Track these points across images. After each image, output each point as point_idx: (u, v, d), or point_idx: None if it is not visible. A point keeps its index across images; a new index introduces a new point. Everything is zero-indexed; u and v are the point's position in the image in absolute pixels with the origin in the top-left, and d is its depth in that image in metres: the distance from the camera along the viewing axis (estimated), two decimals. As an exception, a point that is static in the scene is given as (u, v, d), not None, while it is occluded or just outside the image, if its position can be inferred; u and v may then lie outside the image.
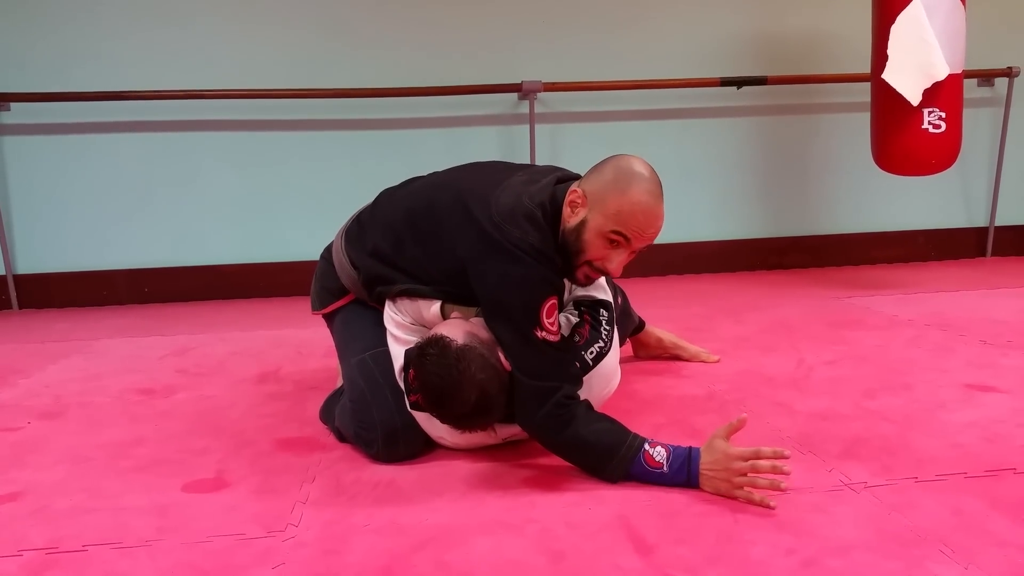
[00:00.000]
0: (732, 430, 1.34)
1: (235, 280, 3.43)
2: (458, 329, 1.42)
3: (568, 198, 1.45)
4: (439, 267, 1.53)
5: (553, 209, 1.47)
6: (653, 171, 1.44)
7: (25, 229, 3.33)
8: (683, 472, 1.34)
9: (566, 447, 1.41)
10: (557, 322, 1.44)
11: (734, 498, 1.30)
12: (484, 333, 1.43)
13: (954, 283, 3.21)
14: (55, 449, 1.65)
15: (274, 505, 1.34)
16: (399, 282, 1.58)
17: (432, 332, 1.42)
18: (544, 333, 1.40)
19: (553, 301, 1.42)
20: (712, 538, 1.17)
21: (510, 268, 1.40)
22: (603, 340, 1.56)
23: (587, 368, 1.52)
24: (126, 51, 3.25)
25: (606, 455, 1.38)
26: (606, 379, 1.58)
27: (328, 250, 1.77)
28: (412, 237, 1.57)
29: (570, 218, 1.45)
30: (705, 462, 1.34)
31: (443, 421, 1.42)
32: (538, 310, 1.39)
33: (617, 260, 1.44)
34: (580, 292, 1.65)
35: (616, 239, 1.42)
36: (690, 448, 1.36)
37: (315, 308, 1.80)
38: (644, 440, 1.38)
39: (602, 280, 1.67)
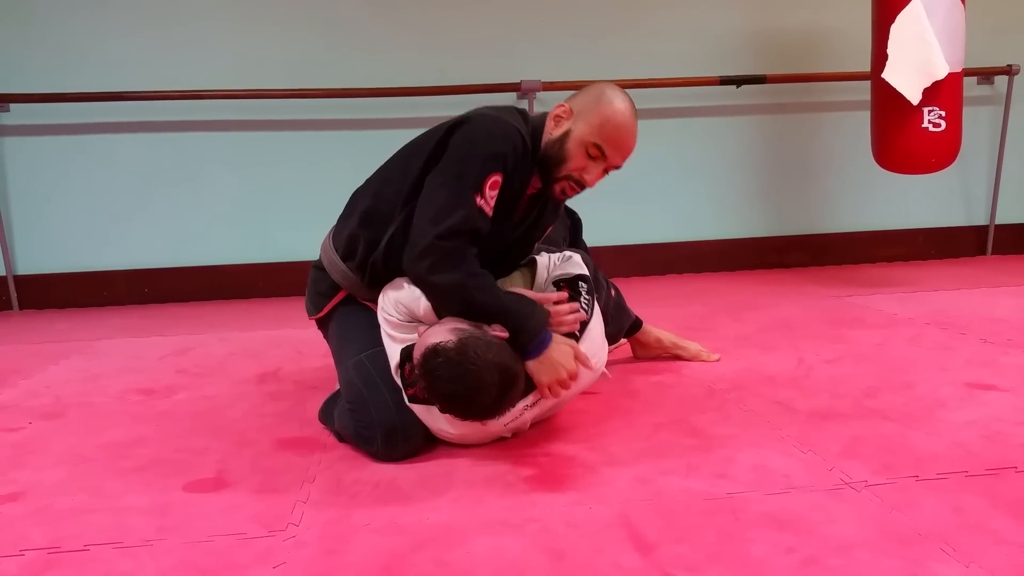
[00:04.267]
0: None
1: (235, 280, 3.43)
2: (442, 331, 1.42)
3: (554, 112, 1.61)
4: (417, 179, 1.56)
5: (531, 127, 1.58)
6: (630, 97, 1.60)
7: (25, 230, 3.33)
8: (539, 348, 1.47)
9: (482, 305, 1.47)
10: (494, 201, 1.52)
11: (538, 384, 1.47)
12: (464, 324, 1.45)
13: (954, 282, 3.21)
14: (56, 449, 1.65)
15: (275, 505, 1.34)
16: (382, 236, 1.60)
17: (420, 348, 1.42)
18: (483, 201, 1.48)
19: (498, 179, 1.50)
20: (712, 537, 1.17)
21: (474, 133, 1.51)
22: (584, 309, 1.59)
23: (575, 338, 1.55)
24: (125, 52, 3.25)
25: (521, 317, 1.47)
26: (594, 349, 1.60)
27: (317, 260, 1.81)
28: (391, 174, 1.64)
29: (554, 130, 1.57)
30: (555, 350, 1.47)
31: (476, 419, 1.44)
32: (485, 175, 1.48)
33: (594, 172, 1.57)
34: (557, 272, 1.68)
35: (595, 153, 1.54)
36: (549, 334, 1.49)
37: (310, 314, 1.83)
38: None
39: (577, 257, 1.72)
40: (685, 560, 1.11)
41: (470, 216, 1.47)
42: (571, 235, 2.13)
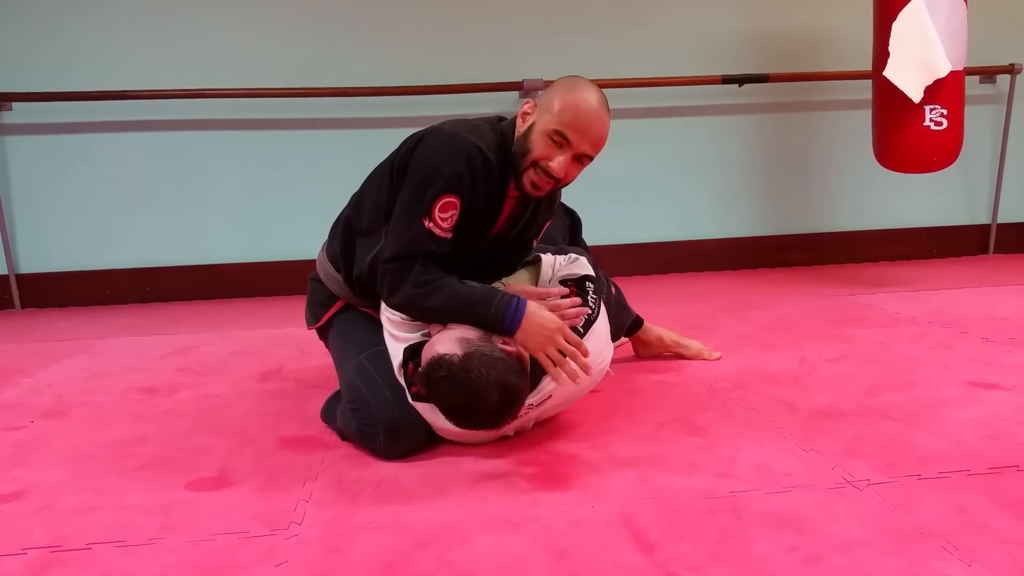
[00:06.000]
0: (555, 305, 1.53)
1: (237, 279, 3.43)
2: (448, 340, 1.42)
3: (520, 110, 1.59)
4: (389, 195, 1.58)
5: (500, 135, 1.58)
6: (600, 90, 1.56)
7: (27, 229, 3.33)
8: (514, 322, 1.45)
9: (440, 309, 1.49)
10: (451, 222, 1.52)
11: (535, 356, 1.45)
12: (472, 333, 1.44)
13: (956, 280, 3.21)
14: (58, 448, 1.65)
15: (277, 503, 1.34)
16: (363, 249, 1.62)
17: (427, 353, 1.42)
18: (432, 224, 1.49)
19: (451, 200, 1.50)
20: (714, 535, 1.18)
21: (426, 155, 1.52)
22: (591, 308, 1.59)
23: (579, 335, 1.54)
24: (128, 50, 3.25)
25: (483, 303, 1.47)
26: (600, 348, 1.60)
27: (314, 273, 1.83)
28: (370, 187, 1.67)
29: (520, 127, 1.57)
30: (534, 315, 1.46)
31: (474, 430, 1.43)
32: (433, 199, 1.49)
33: (559, 159, 1.52)
34: (564, 272, 1.68)
35: (559, 140, 1.50)
36: (518, 299, 1.47)
37: (310, 324, 1.86)
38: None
39: (584, 260, 1.72)
40: (687, 559, 1.11)
41: (417, 240, 1.50)
42: (570, 234, 2.12)
